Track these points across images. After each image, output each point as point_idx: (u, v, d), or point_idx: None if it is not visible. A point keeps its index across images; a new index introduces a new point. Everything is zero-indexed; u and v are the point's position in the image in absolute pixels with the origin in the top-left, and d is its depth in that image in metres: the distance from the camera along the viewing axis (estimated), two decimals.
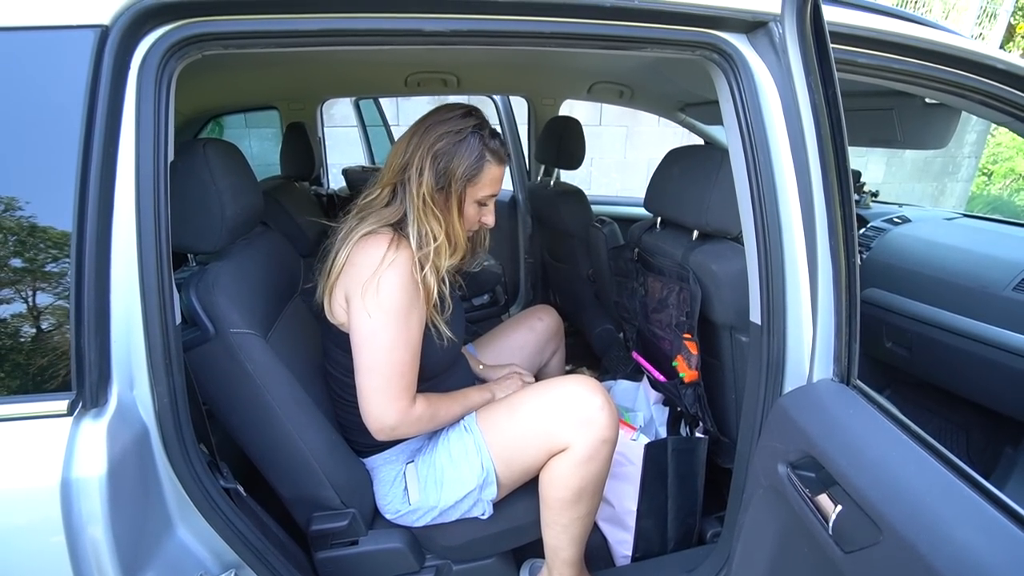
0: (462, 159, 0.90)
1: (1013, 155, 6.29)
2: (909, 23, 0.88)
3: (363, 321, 0.88)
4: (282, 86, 2.05)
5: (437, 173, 0.90)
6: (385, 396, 0.90)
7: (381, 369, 0.89)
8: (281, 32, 0.71)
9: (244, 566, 0.83)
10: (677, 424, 1.37)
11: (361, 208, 0.96)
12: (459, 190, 0.92)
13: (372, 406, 0.90)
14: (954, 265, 1.40)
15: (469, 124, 0.91)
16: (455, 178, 0.91)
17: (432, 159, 0.90)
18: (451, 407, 1.01)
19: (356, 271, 0.88)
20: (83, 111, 0.63)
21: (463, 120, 0.92)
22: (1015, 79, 0.92)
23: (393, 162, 0.94)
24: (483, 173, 0.93)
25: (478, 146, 0.91)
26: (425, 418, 0.95)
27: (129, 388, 0.69)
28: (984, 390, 1.34)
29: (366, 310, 0.87)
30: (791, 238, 0.80)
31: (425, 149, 0.90)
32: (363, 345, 0.89)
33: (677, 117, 2.04)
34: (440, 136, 0.90)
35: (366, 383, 0.90)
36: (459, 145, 0.90)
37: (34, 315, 0.64)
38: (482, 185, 0.94)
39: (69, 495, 0.61)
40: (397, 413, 0.90)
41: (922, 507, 0.53)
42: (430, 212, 0.91)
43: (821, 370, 0.78)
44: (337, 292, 0.93)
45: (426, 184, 0.89)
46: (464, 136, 0.90)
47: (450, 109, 0.94)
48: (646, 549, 1.20)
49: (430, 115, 0.94)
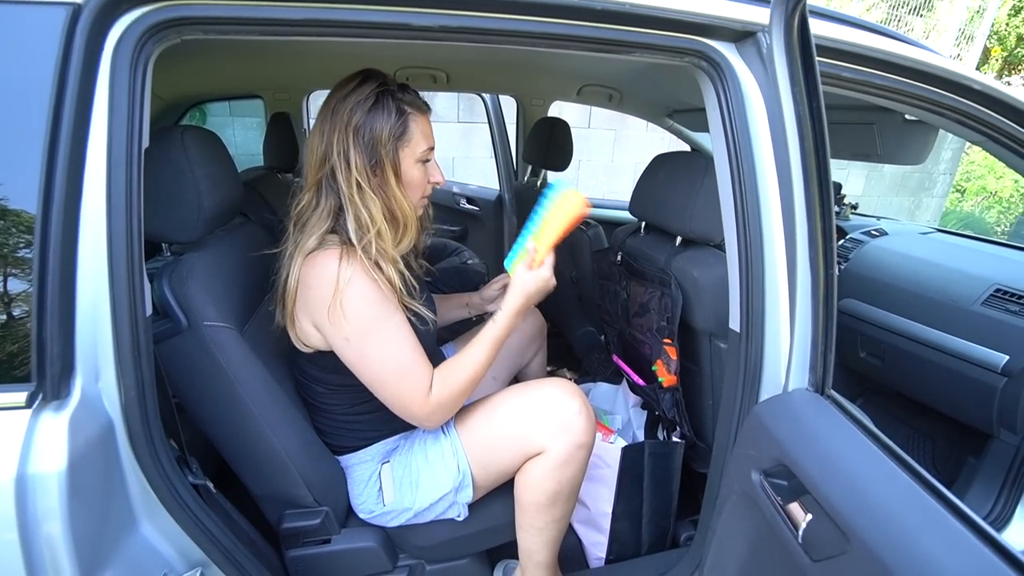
0: (383, 122, 0.84)
1: (985, 174, 6.49)
2: (893, 40, 0.89)
3: (346, 348, 0.86)
4: (267, 75, 2.01)
5: (364, 147, 0.84)
6: (402, 399, 0.89)
7: (387, 378, 0.88)
8: (263, 20, 0.69)
9: (211, 564, 0.81)
10: (654, 428, 1.39)
11: (295, 219, 0.90)
12: (391, 155, 0.86)
13: (398, 409, 0.90)
14: (927, 279, 1.44)
15: (373, 87, 0.85)
16: (383, 144, 0.84)
17: (353, 136, 0.83)
18: (471, 365, 0.92)
19: (314, 294, 0.83)
20: (52, 92, 0.60)
21: (365, 86, 0.85)
22: (990, 100, 0.95)
23: (311, 159, 0.87)
24: (410, 128, 0.87)
25: (393, 104, 0.85)
26: (447, 399, 0.90)
27: (94, 380, 0.67)
28: (950, 401, 1.38)
29: (344, 337, 0.84)
30: (772, 247, 0.81)
31: (341, 130, 0.84)
32: (359, 367, 0.88)
33: (665, 123, 2.06)
34: (351, 110, 0.84)
35: (381, 394, 0.90)
36: (373, 110, 0.84)
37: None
38: (416, 141, 0.88)
39: (24, 491, 0.59)
40: (419, 409, 0.89)
41: (888, 518, 0.54)
42: (367, 195, 0.85)
43: (797, 379, 0.79)
44: (301, 319, 0.88)
45: (355, 165, 0.84)
46: (374, 99, 0.84)
47: (346, 83, 0.87)
48: (620, 551, 1.21)
49: (330, 98, 0.87)
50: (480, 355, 0.93)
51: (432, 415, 0.90)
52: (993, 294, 1.30)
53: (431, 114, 0.93)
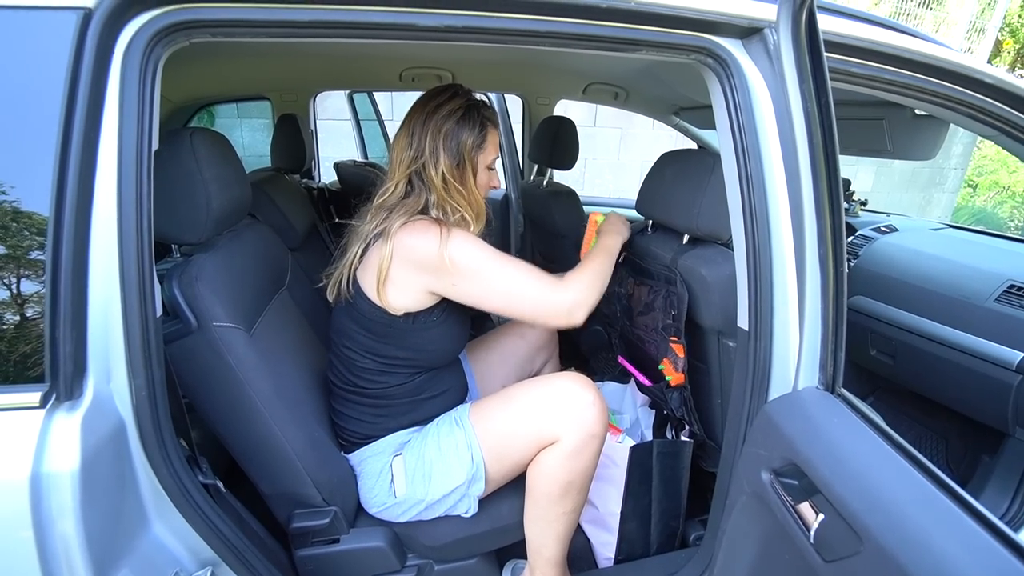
0: (469, 132, 0.99)
1: (997, 168, 6.40)
2: (902, 35, 0.88)
3: (472, 288, 0.95)
4: (274, 77, 2.03)
5: (451, 151, 0.98)
6: (547, 296, 0.97)
7: (523, 290, 0.96)
8: (272, 22, 0.69)
9: (221, 563, 0.82)
10: (663, 427, 1.38)
11: (379, 207, 1.00)
12: (472, 160, 1.00)
13: (549, 307, 0.98)
14: (939, 275, 1.42)
15: (463, 101, 1.00)
16: (467, 150, 0.99)
17: (444, 139, 0.97)
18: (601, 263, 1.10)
19: (422, 250, 0.92)
20: (63, 96, 0.61)
21: (457, 99, 1.00)
22: (1002, 93, 0.93)
23: (401, 155, 0.99)
24: (487, 139, 1.02)
25: (478, 117, 1.00)
26: (585, 279, 1.02)
27: (106, 380, 0.68)
28: (963, 399, 1.36)
29: (468, 281, 0.94)
30: (780, 244, 0.80)
31: (433, 133, 0.97)
32: (499, 293, 0.96)
33: (671, 120, 2.05)
34: (444, 117, 0.97)
35: (532, 305, 0.97)
36: (463, 121, 0.98)
37: (6, 304, 0.62)
38: (489, 151, 1.03)
39: (39, 489, 0.59)
40: (562, 293, 0.98)
41: (902, 518, 0.53)
42: (452, 189, 0.99)
43: (807, 377, 0.78)
44: (398, 282, 0.95)
45: (443, 164, 0.97)
46: (464, 111, 0.99)
47: (440, 93, 1.01)
48: (629, 551, 1.20)
49: (424, 103, 1.00)
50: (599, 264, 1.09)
51: (576, 299, 0.98)
52: (1007, 290, 1.28)
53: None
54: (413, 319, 0.98)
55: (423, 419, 1.06)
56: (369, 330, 1.00)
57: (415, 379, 1.04)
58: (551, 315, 0.98)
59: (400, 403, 1.04)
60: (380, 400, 1.04)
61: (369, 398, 1.04)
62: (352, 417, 1.05)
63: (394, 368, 1.02)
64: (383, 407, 1.04)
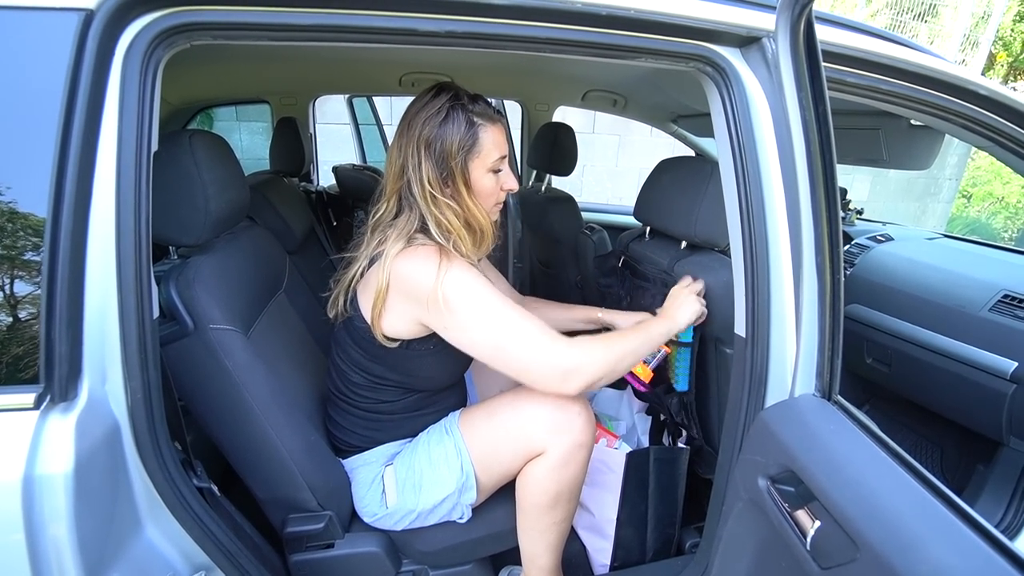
0: (453, 135, 0.87)
1: (991, 179, 6.46)
2: (898, 46, 0.89)
3: (466, 332, 0.86)
4: (274, 80, 2.03)
5: (434, 160, 0.87)
6: (542, 354, 0.85)
7: (515, 344, 0.85)
8: (272, 25, 0.69)
9: (215, 568, 0.81)
10: (659, 434, 1.38)
11: (374, 228, 0.93)
12: (461, 167, 0.88)
13: (542, 367, 0.86)
14: (934, 284, 1.43)
15: (444, 100, 0.88)
16: (452, 157, 0.87)
17: (424, 148, 0.87)
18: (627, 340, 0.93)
19: (417, 281, 0.84)
20: (63, 96, 0.61)
21: (437, 99, 0.88)
22: (996, 105, 0.94)
23: (390, 170, 0.91)
24: (480, 139, 0.89)
25: (463, 116, 0.88)
26: (598, 348, 0.88)
27: (101, 382, 0.67)
28: (958, 408, 1.37)
29: (460, 326, 0.85)
30: (778, 252, 0.80)
31: (415, 143, 0.87)
32: (488, 345, 0.86)
33: (669, 128, 2.06)
34: (423, 123, 0.87)
35: (522, 361, 0.86)
36: (444, 124, 0.87)
37: (0, 304, 0.62)
38: (486, 151, 0.90)
39: (31, 492, 0.59)
40: (561, 353, 0.85)
41: (899, 525, 0.53)
42: (442, 204, 0.88)
43: (803, 384, 0.78)
44: (396, 310, 0.88)
45: (427, 176, 0.87)
46: (444, 112, 0.87)
47: (423, 95, 0.90)
48: (625, 558, 1.20)
49: (408, 110, 0.91)
50: (622, 339, 0.93)
51: (579, 364, 0.85)
52: (1001, 300, 1.29)
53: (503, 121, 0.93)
54: (407, 345, 0.93)
55: (417, 432, 1.04)
56: (363, 348, 0.96)
57: (408, 397, 1.01)
58: (542, 376, 0.86)
59: (393, 418, 1.02)
60: (371, 414, 1.02)
61: (361, 410, 1.02)
62: (344, 427, 1.03)
63: (384, 386, 0.99)
64: (374, 420, 1.02)
